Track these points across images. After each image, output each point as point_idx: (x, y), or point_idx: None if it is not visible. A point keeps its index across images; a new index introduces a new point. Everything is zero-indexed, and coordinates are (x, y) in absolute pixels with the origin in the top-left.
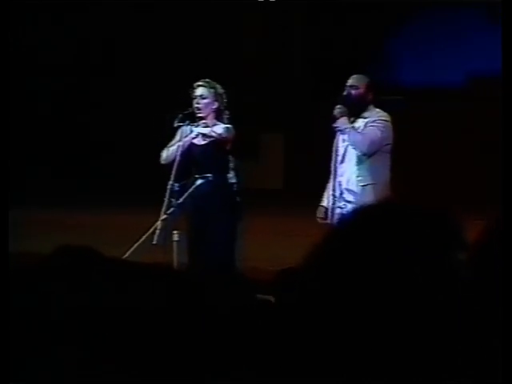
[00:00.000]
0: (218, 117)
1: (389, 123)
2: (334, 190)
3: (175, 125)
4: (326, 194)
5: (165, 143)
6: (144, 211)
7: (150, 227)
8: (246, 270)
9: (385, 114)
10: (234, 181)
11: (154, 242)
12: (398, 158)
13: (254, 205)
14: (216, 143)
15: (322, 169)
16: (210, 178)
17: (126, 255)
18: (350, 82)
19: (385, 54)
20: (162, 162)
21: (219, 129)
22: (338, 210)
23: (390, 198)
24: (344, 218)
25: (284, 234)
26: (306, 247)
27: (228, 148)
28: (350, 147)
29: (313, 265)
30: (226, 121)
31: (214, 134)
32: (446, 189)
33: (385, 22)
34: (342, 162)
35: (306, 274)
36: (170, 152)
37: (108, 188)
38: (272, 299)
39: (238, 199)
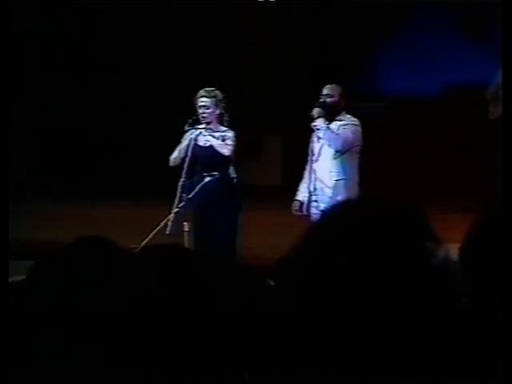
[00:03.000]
0: (220, 120)
1: (359, 127)
2: (308, 186)
3: (185, 128)
4: (300, 189)
5: (175, 145)
6: (158, 205)
7: (164, 219)
8: (248, 256)
9: (355, 119)
10: (235, 176)
11: (167, 232)
12: (383, 158)
13: (254, 199)
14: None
15: None
16: (217, 176)
17: (143, 243)
18: (325, 91)
19: (373, 62)
20: (171, 165)
21: (225, 150)
22: (312, 204)
23: (366, 193)
24: (324, 211)
25: (282, 225)
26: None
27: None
28: (324, 146)
29: (297, 254)
30: (226, 123)
31: (220, 150)
32: (425, 185)
33: (374, 30)
34: (317, 159)
35: (292, 263)
36: (176, 155)
37: (126, 185)
38: (272, 283)
39: (238, 192)
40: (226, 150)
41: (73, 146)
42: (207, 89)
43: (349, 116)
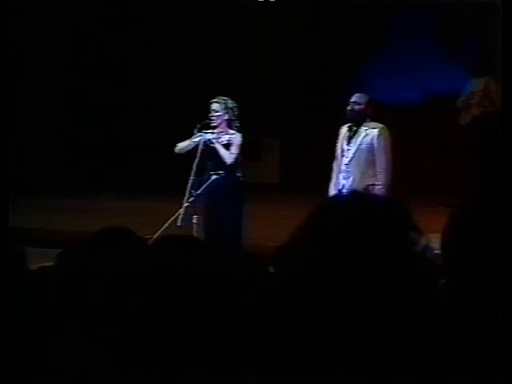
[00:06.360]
0: (229, 125)
1: (385, 133)
2: (336, 184)
3: (195, 132)
4: (330, 187)
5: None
6: (171, 200)
7: (175, 212)
8: (250, 245)
9: (380, 125)
10: (239, 175)
11: (179, 224)
12: None
13: (256, 195)
14: (226, 148)
15: (310, 167)
16: (223, 174)
17: (157, 234)
18: (353, 98)
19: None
20: (176, 151)
21: (229, 159)
22: None
23: (360, 191)
24: (319, 204)
25: (280, 218)
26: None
27: None
28: (352, 149)
29: (294, 243)
30: (235, 128)
31: (224, 159)
32: (412, 182)
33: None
34: (349, 163)
35: (290, 251)
36: (183, 145)
37: (143, 180)
38: (271, 269)
39: (242, 189)
40: (229, 159)
41: (96, 146)
42: (220, 97)
43: (374, 123)
